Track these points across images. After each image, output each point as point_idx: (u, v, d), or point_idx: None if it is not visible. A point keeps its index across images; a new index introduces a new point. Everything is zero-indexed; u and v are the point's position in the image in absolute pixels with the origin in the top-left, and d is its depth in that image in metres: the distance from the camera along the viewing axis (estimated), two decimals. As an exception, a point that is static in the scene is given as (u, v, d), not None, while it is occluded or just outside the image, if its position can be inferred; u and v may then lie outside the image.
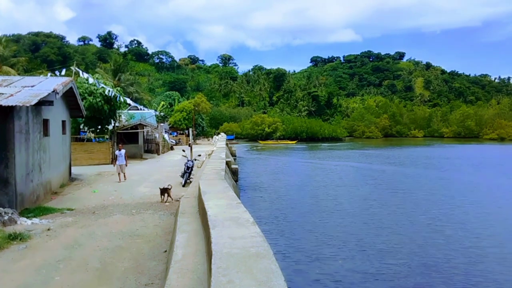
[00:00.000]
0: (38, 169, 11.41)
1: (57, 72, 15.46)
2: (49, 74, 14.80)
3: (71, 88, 13.70)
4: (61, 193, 13.18)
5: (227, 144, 36.42)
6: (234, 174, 20.30)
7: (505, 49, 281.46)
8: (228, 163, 18.59)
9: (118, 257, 6.34)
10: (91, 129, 23.68)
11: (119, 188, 13.89)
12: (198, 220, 6.56)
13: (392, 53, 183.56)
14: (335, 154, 50.09)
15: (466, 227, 13.46)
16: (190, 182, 13.87)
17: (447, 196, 19.57)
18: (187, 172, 14.44)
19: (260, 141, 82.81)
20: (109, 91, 19.88)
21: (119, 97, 22.01)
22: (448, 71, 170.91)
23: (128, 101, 22.51)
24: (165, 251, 6.56)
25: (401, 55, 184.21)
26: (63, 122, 14.91)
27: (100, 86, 19.74)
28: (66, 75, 16.78)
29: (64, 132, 15.09)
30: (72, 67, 16.54)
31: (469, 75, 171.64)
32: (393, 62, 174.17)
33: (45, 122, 12.05)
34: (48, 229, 8.17)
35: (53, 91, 10.44)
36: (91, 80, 18.52)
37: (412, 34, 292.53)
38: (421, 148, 62.66)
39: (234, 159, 32.13)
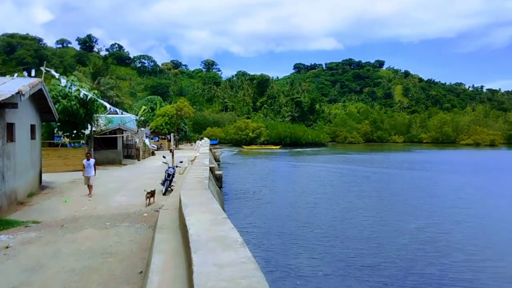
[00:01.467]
0: (1, 178, 10.34)
1: (25, 73, 14.28)
2: (15, 74, 13.63)
3: (40, 89, 12.67)
4: (28, 203, 12.05)
5: (210, 149, 35.57)
6: (218, 180, 19.61)
7: (477, 59, 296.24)
8: (212, 169, 17.86)
9: (85, 281, 5.53)
10: (65, 134, 22.49)
11: (94, 197, 12.89)
12: (178, 237, 5.84)
13: (372, 61, 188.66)
14: (319, 159, 50.07)
15: (456, 236, 13.25)
16: (171, 190, 13.11)
17: (434, 201, 19.51)
18: (168, 180, 13.65)
19: (244, 146, 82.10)
20: (84, 94, 18.79)
21: (97, 100, 20.94)
22: (425, 79, 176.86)
23: (106, 105, 21.41)
24: (141, 272, 5.81)
25: (380, 63, 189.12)
26: (32, 126, 13.80)
27: (75, 88, 18.60)
28: (38, 76, 15.62)
29: (33, 137, 13.97)
30: (42, 68, 15.36)
31: (445, 83, 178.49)
32: (373, 70, 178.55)
33: (10, 126, 10.99)
34: (7, 247, 7.21)
35: (18, 93, 9.46)
36: (63, 81, 17.38)
37: (392, 43, 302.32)
38: (402, 153, 63.76)
39: (218, 165, 31.30)
